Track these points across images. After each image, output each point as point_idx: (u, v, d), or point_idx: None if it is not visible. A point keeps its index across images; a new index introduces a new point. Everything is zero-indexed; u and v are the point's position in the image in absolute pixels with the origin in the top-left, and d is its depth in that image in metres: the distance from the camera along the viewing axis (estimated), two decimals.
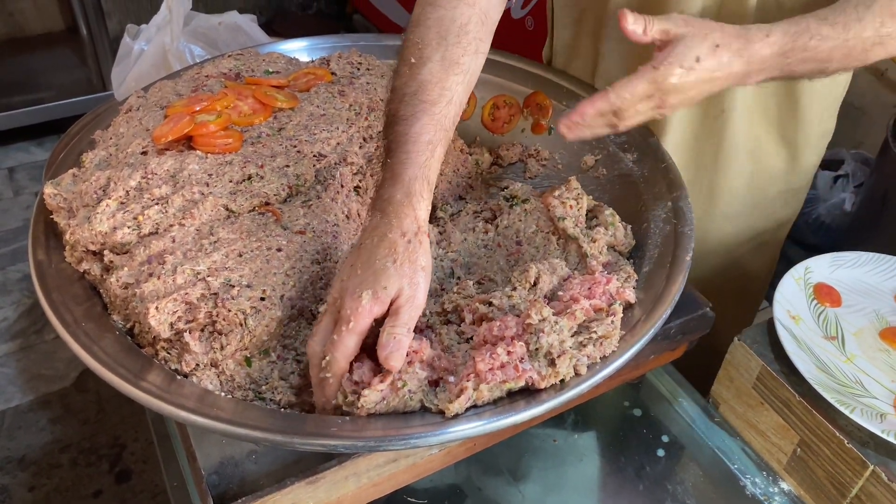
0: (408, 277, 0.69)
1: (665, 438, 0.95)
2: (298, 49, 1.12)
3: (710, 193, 1.10)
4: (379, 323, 0.69)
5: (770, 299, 0.91)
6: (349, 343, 0.67)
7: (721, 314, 0.91)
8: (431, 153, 0.75)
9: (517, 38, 2.16)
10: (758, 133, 1.08)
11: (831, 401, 0.80)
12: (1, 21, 2.86)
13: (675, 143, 1.03)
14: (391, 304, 0.69)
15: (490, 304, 0.74)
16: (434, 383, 0.68)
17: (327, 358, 0.67)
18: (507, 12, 0.92)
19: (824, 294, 0.94)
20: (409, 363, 0.67)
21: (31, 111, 2.62)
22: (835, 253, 0.98)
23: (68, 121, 0.95)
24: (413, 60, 0.79)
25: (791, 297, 0.92)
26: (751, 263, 1.25)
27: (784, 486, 0.88)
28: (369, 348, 0.72)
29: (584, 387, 0.67)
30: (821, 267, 0.97)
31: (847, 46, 0.78)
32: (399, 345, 0.67)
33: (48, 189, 0.80)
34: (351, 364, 0.68)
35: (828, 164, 2.04)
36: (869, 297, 0.95)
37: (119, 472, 1.76)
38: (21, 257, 2.23)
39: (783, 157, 1.12)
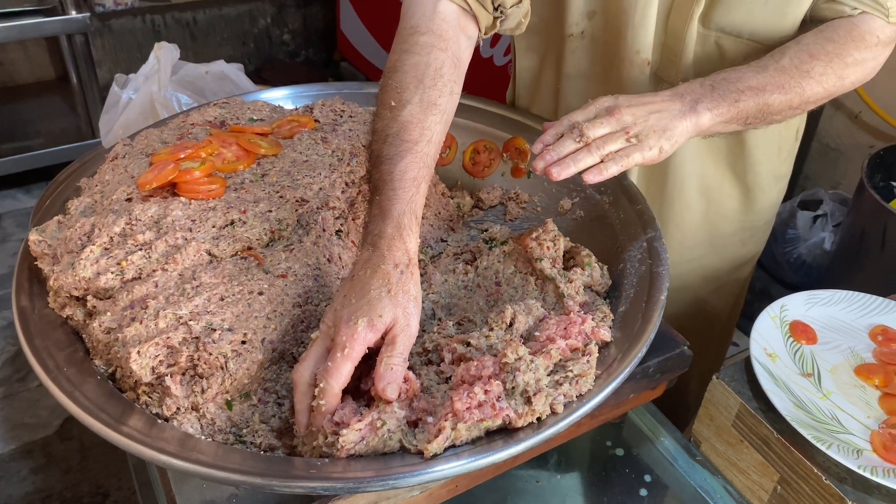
0: (402, 307, 0.71)
1: (648, 478, 0.95)
2: (283, 97, 1.14)
3: (662, 231, 1.14)
4: (367, 356, 0.70)
5: (744, 329, 0.93)
6: (344, 370, 0.68)
7: None
8: (417, 189, 0.79)
9: (487, 73, 2.19)
10: (707, 171, 1.12)
11: (809, 437, 0.80)
12: None
13: None
14: (385, 334, 0.71)
15: (468, 344, 0.75)
16: (413, 424, 0.68)
17: (321, 385, 0.68)
18: (481, 55, 0.96)
19: (800, 332, 0.96)
20: (388, 403, 0.68)
21: (19, 159, 2.64)
22: (810, 291, 1.00)
23: (56, 168, 0.97)
24: (393, 103, 0.83)
25: (767, 334, 0.94)
26: (713, 303, 1.27)
27: None
28: (349, 388, 0.73)
29: (561, 425, 0.68)
30: (796, 305, 0.99)
31: (774, 79, 0.89)
32: (396, 376, 0.69)
33: (33, 236, 0.81)
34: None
35: (807, 203, 2.08)
36: (844, 335, 0.96)
37: None
38: (6, 305, 2.23)
39: (737, 197, 1.16)
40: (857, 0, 0.93)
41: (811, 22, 0.97)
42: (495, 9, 0.90)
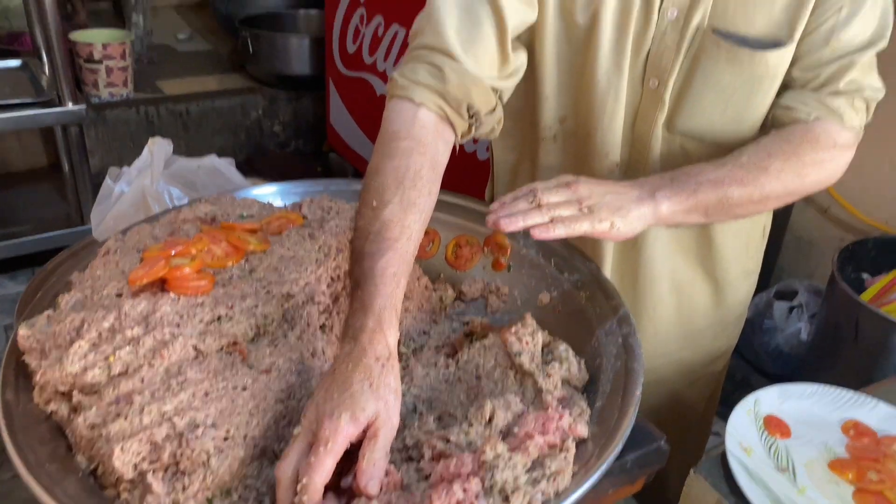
0: (383, 400, 0.74)
1: None
2: (272, 193, 1.19)
3: (636, 325, 1.17)
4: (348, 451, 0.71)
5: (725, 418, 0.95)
6: (326, 465, 0.69)
7: None
8: (397, 284, 0.83)
9: (470, 167, 2.26)
10: (678, 267, 1.17)
11: None
12: None
13: None
14: (367, 428, 0.72)
15: (447, 440, 0.76)
16: None
17: (304, 481, 0.68)
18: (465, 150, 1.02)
19: (774, 425, 0.97)
20: (369, 499, 0.68)
21: (5, 245, 2.66)
22: (782, 384, 1.03)
23: (43, 255, 0.99)
24: (375, 203, 0.87)
25: (742, 428, 0.95)
26: (689, 396, 1.30)
27: None
28: (330, 484, 0.74)
29: None
30: (769, 398, 1.01)
31: (732, 174, 0.94)
32: (378, 471, 0.71)
33: (22, 331, 0.83)
34: None
35: (783, 294, 2.13)
36: (817, 429, 0.98)
37: None
38: None
39: (708, 292, 1.20)
40: (811, 107, 1.00)
41: (772, 127, 1.04)
42: (470, 116, 0.96)
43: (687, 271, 1.17)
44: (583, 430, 0.79)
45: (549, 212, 0.85)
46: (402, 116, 0.92)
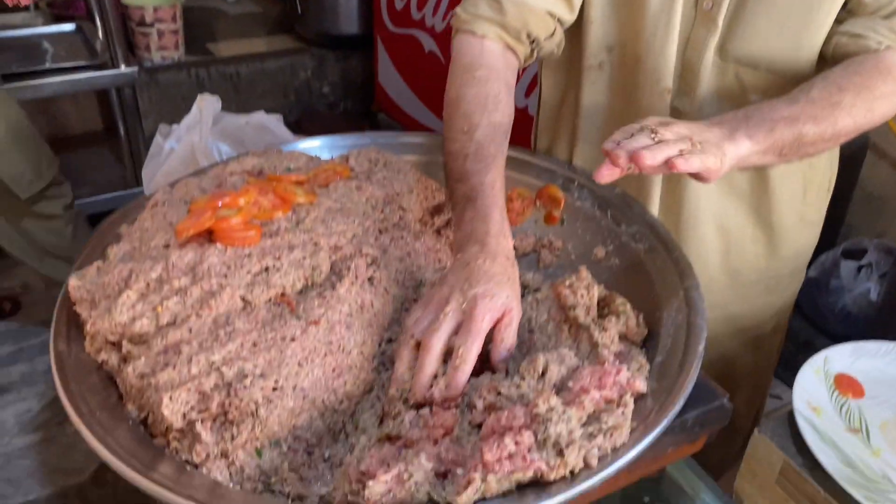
0: (516, 293, 0.83)
1: None
2: (319, 147, 1.16)
3: None
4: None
5: (787, 381, 0.90)
6: (480, 338, 0.77)
7: None
8: (503, 197, 0.91)
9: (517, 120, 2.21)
10: (725, 208, 1.10)
11: (859, 498, 0.77)
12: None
13: None
14: (503, 317, 0.80)
15: (499, 393, 0.73)
16: (442, 475, 0.67)
17: (461, 350, 0.76)
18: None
19: (846, 385, 0.92)
20: (416, 453, 0.67)
21: None
22: (855, 342, 0.97)
23: (100, 216, 0.99)
24: (465, 128, 0.94)
25: (811, 387, 0.91)
26: (737, 357, 1.23)
27: None
28: (387, 438, 0.73)
29: (595, 480, 0.65)
30: (841, 357, 0.95)
31: (806, 110, 0.88)
32: (509, 352, 0.81)
33: (73, 281, 0.83)
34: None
35: (850, 253, 2.03)
36: (893, 389, 0.93)
37: None
38: (47, 349, 2.26)
39: (759, 239, 1.13)
40: (882, 35, 0.93)
41: (833, 60, 0.98)
42: (531, 42, 1.02)
43: (737, 216, 1.11)
44: (642, 385, 0.75)
45: (675, 145, 0.78)
46: (471, 49, 1.00)
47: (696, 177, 0.80)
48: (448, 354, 0.78)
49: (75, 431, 0.71)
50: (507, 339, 0.80)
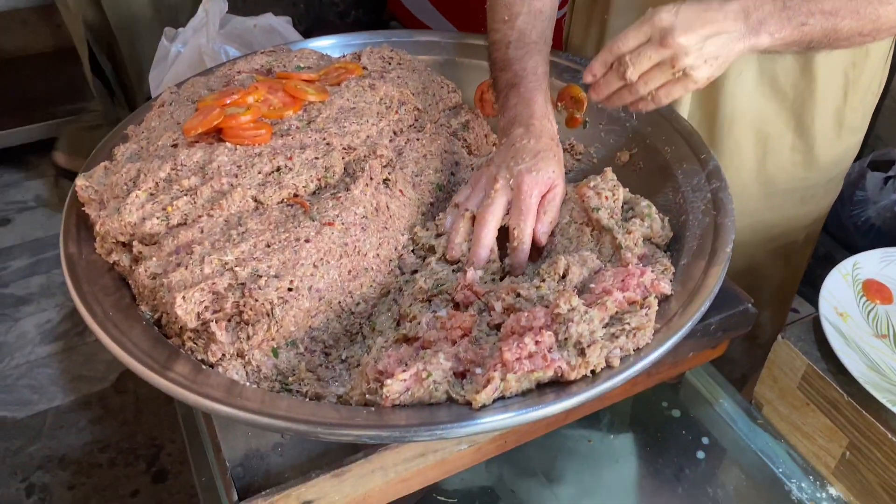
0: (560, 169, 0.86)
1: (705, 440, 0.91)
2: (330, 46, 1.12)
3: None
4: None
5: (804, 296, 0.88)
6: (533, 211, 0.82)
7: None
8: (546, 81, 0.92)
9: None
10: (766, 111, 1.05)
11: (883, 401, 0.75)
12: (49, 33, 2.94)
13: None
14: (547, 192, 0.83)
15: (518, 294, 0.72)
16: (460, 375, 0.66)
17: (516, 229, 0.81)
18: None
19: (874, 291, 0.90)
20: (435, 353, 0.65)
21: (73, 120, 2.69)
22: (885, 248, 0.94)
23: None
24: (506, 17, 0.94)
25: (838, 293, 0.88)
26: (764, 265, 1.20)
27: (832, 491, 0.84)
28: (404, 338, 0.71)
29: (616, 380, 0.64)
30: (870, 263, 0.93)
31: (849, 3, 0.80)
32: (552, 225, 0.84)
33: (80, 181, 0.81)
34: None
35: (878, 164, 1.97)
36: None
37: (156, 473, 1.78)
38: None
39: (798, 147, 1.08)
40: None
41: None
42: None
43: (777, 121, 1.06)
44: (665, 287, 0.73)
45: (641, 88, 0.78)
46: None
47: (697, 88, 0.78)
48: (502, 231, 0.83)
49: (95, 341, 0.70)
50: (550, 212, 0.84)
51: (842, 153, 1.13)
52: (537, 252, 0.84)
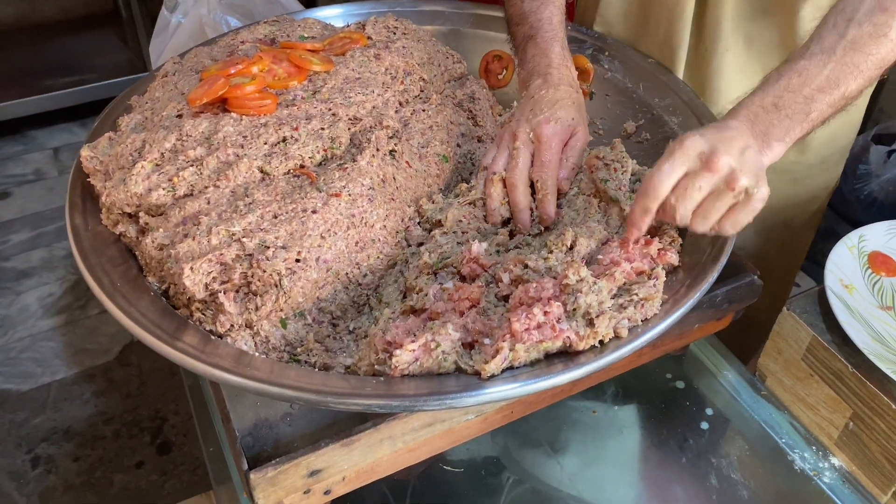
0: (581, 114, 0.87)
1: (709, 411, 0.92)
2: (334, 16, 1.10)
3: None
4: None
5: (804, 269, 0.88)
6: (556, 161, 0.83)
7: None
8: (563, 30, 0.93)
9: None
10: (752, 88, 1.03)
11: (888, 372, 0.76)
12: (48, 4, 2.91)
13: None
14: (569, 139, 0.84)
15: (526, 266, 0.72)
16: (469, 346, 0.66)
17: (540, 181, 0.81)
18: None
19: (880, 263, 0.90)
20: (443, 323, 0.65)
21: (73, 92, 2.67)
22: (891, 220, 0.94)
23: (108, 102, 0.96)
24: None
25: (844, 265, 0.88)
26: (760, 253, 1.18)
27: (835, 461, 0.84)
28: (411, 310, 0.71)
29: (624, 350, 0.65)
30: (876, 235, 0.93)
31: (845, 63, 0.73)
32: (575, 169, 0.84)
33: (84, 152, 0.80)
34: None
35: (881, 138, 1.97)
36: None
37: (160, 445, 1.79)
38: (65, 235, 2.28)
39: None
40: None
41: None
42: None
43: None
44: (674, 257, 0.73)
45: (703, 223, 0.68)
46: None
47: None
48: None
49: (98, 314, 0.71)
50: (572, 158, 0.84)
51: (834, 134, 1.09)
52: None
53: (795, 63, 0.74)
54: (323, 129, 0.82)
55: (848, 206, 1.99)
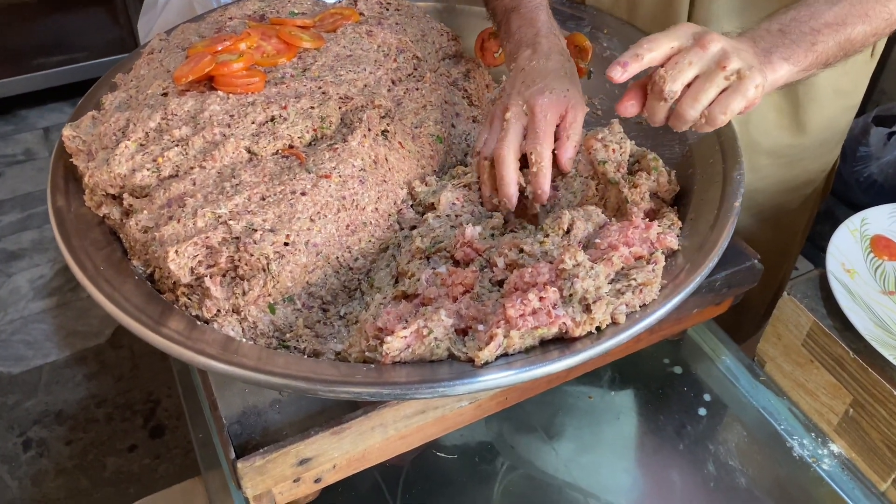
0: (576, 85, 0.80)
1: (707, 397, 0.91)
2: None
3: None
4: None
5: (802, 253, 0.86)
6: (550, 133, 0.76)
7: None
8: (545, 5, 0.88)
9: None
10: None
11: (890, 358, 0.75)
12: None
13: None
14: (566, 112, 0.77)
15: (521, 250, 0.70)
16: (462, 332, 0.64)
17: (533, 153, 0.75)
18: None
19: (882, 247, 0.88)
20: (436, 309, 0.64)
21: (63, 71, 2.63)
22: (895, 204, 0.92)
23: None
24: None
25: (846, 249, 0.87)
26: (754, 236, 1.15)
27: (834, 447, 0.83)
28: (403, 295, 0.70)
29: (622, 337, 0.63)
30: (879, 218, 0.91)
31: (854, 8, 0.74)
32: (576, 147, 0.78)
33: (66, 131, 0.78)
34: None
35: (882, 119, 1.94)
36: None
37: (153, 428, 1.78)
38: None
39: (785, 110, 1.03)
40: None
41: None
42: None
43: None
44: (672, 242, 0.71)
45: (693, 105, 0.68)
46: None
47: (750, 107, 0.69)
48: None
49: (90, 297, 0.68)
50: (574, 134, 0.78)
51: (832, 116, 1.07)
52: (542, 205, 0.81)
53: (806, 2, 0.76)
54: (312, 107, 0.80)
55: (848, 188, 1.97)
